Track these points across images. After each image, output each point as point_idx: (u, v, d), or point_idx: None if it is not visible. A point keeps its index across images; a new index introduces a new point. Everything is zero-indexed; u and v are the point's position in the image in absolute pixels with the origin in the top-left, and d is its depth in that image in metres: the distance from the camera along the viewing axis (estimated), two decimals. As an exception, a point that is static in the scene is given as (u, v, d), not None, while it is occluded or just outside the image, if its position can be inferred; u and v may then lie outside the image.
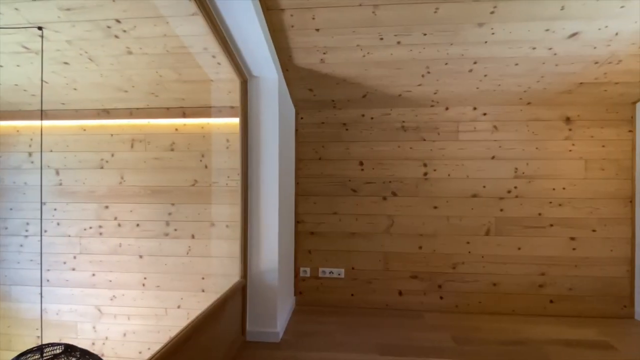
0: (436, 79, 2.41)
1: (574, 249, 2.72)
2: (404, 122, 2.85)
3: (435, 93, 2.60)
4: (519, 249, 2.75)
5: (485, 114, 2.78)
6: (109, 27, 1.96)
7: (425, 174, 2.84)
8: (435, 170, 2.83)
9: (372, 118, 2.88)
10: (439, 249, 2.81)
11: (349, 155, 2.91)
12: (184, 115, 2.93)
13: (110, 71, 2.42)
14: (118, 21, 1.92)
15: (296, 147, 2.94)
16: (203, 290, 2.97)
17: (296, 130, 2.94)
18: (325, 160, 2.93)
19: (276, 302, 2.25)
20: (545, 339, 2.31)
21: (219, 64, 2.27)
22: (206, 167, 2.95)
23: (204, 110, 2.89)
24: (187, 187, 2.97)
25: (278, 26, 1.93)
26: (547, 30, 1.91)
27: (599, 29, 1.90)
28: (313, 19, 1.87)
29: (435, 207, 2.82)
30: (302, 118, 2.94)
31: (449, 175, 2.81)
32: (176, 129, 2.99)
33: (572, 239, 2.72)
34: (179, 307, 3.00)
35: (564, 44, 2.02)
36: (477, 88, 2.51)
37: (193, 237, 2.97)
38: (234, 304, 2.08)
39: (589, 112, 2.71)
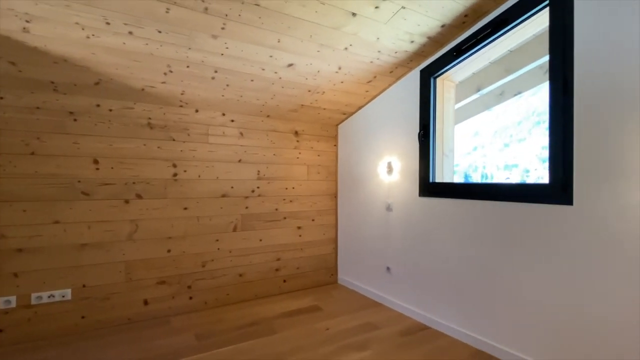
0: (180, 80, 2.39)
1: (300, 235, 3.40)
2: (150, 119, 2.67)
3: (182, 94, 2.59)
4: (261, 240, 3.17)
5: (233, 121, 3.03)
6: None
7: (175, 174, 2.77)
8: (185, 171, 2.81)
9: (110, 110, 2.52)
10: (189, 249, 2.82)
11: (79, 152, 2.43)
12: None
13: None
14: None
15: (-9, 137, 2.18)
16: None
17: (-10, 113, 2.17)
18: (43, 156, 2.32)
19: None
20: (275, 314, 2.76)
21: None
22: None
23: None
24: None
25: None
26: (270, 56, 2.28)
27: (307, 65, 2.45)
28: (-4, -30, 1.43)
29: (186, 208, 2.81)
30: (1, 98, 2.20)
31: (199, 176, 2.87)
32: None
33: (299, 227, 3.40)
34: None
35: (285, 71, 2.48)
36: (223, 96, 2.69)
37: None
38: None
39: (310, 129, 3.47)
